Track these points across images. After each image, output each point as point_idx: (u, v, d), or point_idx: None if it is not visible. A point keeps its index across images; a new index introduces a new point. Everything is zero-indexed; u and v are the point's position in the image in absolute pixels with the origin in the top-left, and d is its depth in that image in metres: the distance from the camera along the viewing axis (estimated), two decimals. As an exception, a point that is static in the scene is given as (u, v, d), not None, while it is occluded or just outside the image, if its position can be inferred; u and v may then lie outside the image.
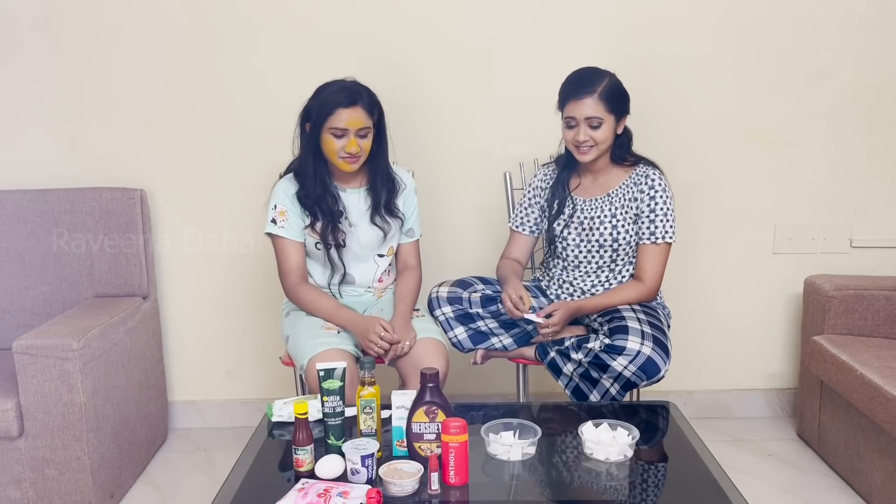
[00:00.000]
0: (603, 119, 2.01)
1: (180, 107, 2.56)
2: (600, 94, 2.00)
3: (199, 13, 2.49)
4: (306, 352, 1.98)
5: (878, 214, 2.65)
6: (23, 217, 2.44)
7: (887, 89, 2.56)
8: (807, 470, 2.42)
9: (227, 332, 2.72)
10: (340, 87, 2.03)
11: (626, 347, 1.93)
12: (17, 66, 2.51)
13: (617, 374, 1.95)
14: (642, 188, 2.08)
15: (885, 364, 2.11)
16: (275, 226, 2.10)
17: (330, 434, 1.69)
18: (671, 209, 2.08)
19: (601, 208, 2.13)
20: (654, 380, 1.95)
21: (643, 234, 2.09)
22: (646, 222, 2.08)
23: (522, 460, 1.63)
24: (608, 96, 2.01)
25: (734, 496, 1.50)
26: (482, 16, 2.52)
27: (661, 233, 2.08)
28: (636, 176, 2.11)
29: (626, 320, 1.99)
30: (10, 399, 2.01)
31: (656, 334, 1.97)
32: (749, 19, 2.52)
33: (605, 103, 2.00)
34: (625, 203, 2.10)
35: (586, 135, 2.02)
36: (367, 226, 2.14)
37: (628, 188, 2.11)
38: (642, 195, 2.08)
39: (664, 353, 1.95)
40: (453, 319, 2.16)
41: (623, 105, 2.06)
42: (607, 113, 2.01)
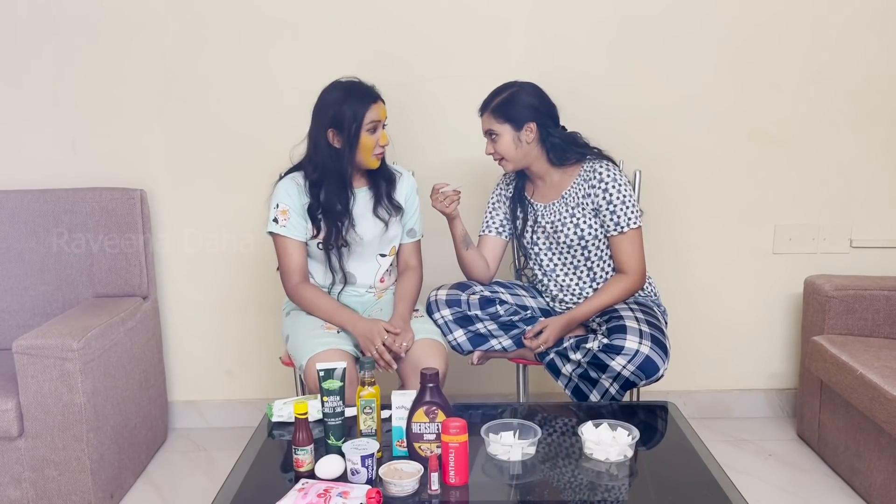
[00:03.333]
0: (498, 132, 2.06)
1: (180, 107, 2.56)
2: (492, 108, 2.06)
3: (200, 14, 2.49)
4: (306, 351, 1.98)
5: (878, 214, 2.65)
6: (23, 217, 2.44)
7: (887, 89, 2.56)
8: (807, 470, 2.42)
9: (228, 333, 2.72)
10: (358, 84, 2.05)
11: (624, 347, 1.93)
12: (17, 67, 2.51)
13: (616, 373, 1.95)
14: (592, 184, 2.08)
15: (885, 364, 2.11)
16: (276, 225, 2.09)
17: (330, 434, 1.69)
18: (628, 195, 2.06)
19: (559, 211, 2.13)
20: (653, 379, 1.95)
21: (609, 228, 2.09)
22: (607, 215, 2.08)
23: (522, 460, 1.63)
24: (500, 108, 2.05)
25: (734, 496, 1.50)
26: (482, 16, 2.52)
27: (625, 221, 2.07)
28: (584, 173, 2.11)
29: (624, 319, 1.99)
30: (10, 399, 2.01)
31: (654, 333, 1.97)
32: (749, 20, 2.52)
33: (495, 116, 2.05)
34: (579, 201, 2.11)
35: (490, 148, 2.10)
36: (369, 219, 2.14)
37: (579, 186, 2.11)
38: (594, 190, 2.08)
39: (663, 352, 1.95)
40: (452, 322, 2.16)
41: (522, 112, 2.05)
42: (500, 124, 2.05)
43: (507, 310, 2.17)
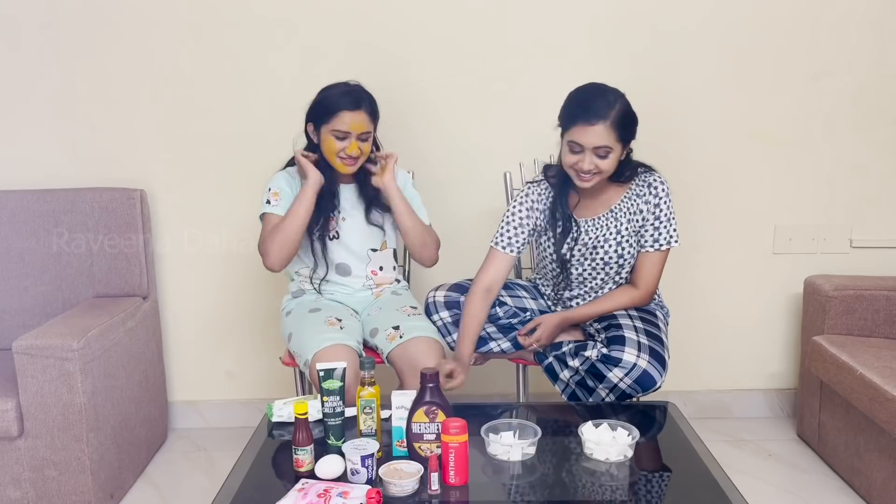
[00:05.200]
0: (612, 148, 1.86)
1: (180, 107, 2.56)
2: (612, 121, 1.84)
3: (200, 13, 2.49)
4: (311, 347, 1.98)
5: (877, 214, 2.65)
6: (23, 217, 2.44)
7: (887, 89, 2.56)
8: (807, 470, 2.42)
9: (227, 332, 2.72)
10: (346, 90, 2.05)
11: (622, 359, 1.91)
12: (17, 66, 2.51)
13: (612, 385, 1.94)
14: (647, 199, 1.99)
15: (885, 364, 2.11)
16: (268, 205, 2.11)
17: (330, 434, 1.69)
18: (673, 213, 2.00)
19: (605, 227, 2.02)
20: (649, 392, 1.95)
21: (646, 242, 2.01)
22: (650, 230, 2.00)
23: (522, 460, 1.63)
24: (620, 123, 1.85)
25: (734, 496, 1.50)
26: (482, 16, 2.51)
27: (665, 238, 2.00)
28: (637, 187, 2.00)
29: (623, 329, 1.97)
30: (10, 399, 2.01)
31: (653, 345, 1.95)
32: (749, 20, 2.51)
33: (616, 131, 1.85)
34: (629, 217, 2.01)
35: (591, 163, 1.87)
36: (361, 221, 2.17)
37: (631, 201, 2.01)
38: (647, 205, 1.99)
39: (661, 365, 1.93)
40: (451, 324, 2.15)
41: (632, 131, 1.91)
42: (616, 142, 1.86)
43: (507, 312, 2.17)
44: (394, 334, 2.07)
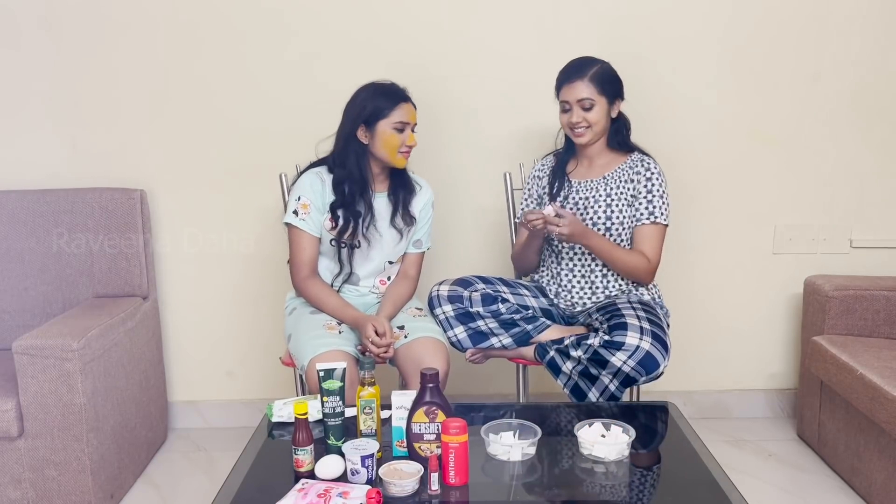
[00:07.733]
0: (594, 101, 2.08)
1: (181, 107, 2.56)
2: (591, 76, 2.08)
3: (201, 13, 2.49)
4: (307, 352, 1.98)
5: (877, 214, 2.65)
6: (23, 217, 2.44)
7: (887, 90, 2.56)
8: (807, 470, 2.42)
9: (228, 333, 2.72)
10: (389, 86, 2.08)
11: (624, 343, 1.94)
12: (17, 66, 2.51)
13: (616, 369, 1.95)
14: (639, 170, 2.13)
15: (885, 364, 2.11)
16: (296, 217, 2.09)
17: (330, 434, 1.69)
18: (667, 194, 2.13)
19: (596, 189, 2.16)
20: (653, 375, 1.95)
21: (641, 215, 2.12)
22: (644, 202, 2.11)
23: (522, 460, 1.63)
24: (599, 79, 2.08)
25: (734, 496, 1.50)
26: (482, 16, 2.52)
27: (659, 212, 2.11)
28: (632, 161, 2.16)
29: (625, 317, 2.00)
30: (10, 399, 2.01)
31: (655, 330, 1.98)
32: (749, 20, 2.52)
33: (595, 85, 2.07)
34: (620, 185, 2.14)
35: (579, 116, 2.09)
36: (387, 228, 2.16)
37: (624, 171, 2.15)
38: (639, 177, 2.12)
39: (663, 348, 1.95)
40: (453, 318, 2.16)
41: (615, 88, 2.11)
42: (598, 95, 2.08)
43: (509, 308, 2.17)
44: (399, 334, 2.07)
